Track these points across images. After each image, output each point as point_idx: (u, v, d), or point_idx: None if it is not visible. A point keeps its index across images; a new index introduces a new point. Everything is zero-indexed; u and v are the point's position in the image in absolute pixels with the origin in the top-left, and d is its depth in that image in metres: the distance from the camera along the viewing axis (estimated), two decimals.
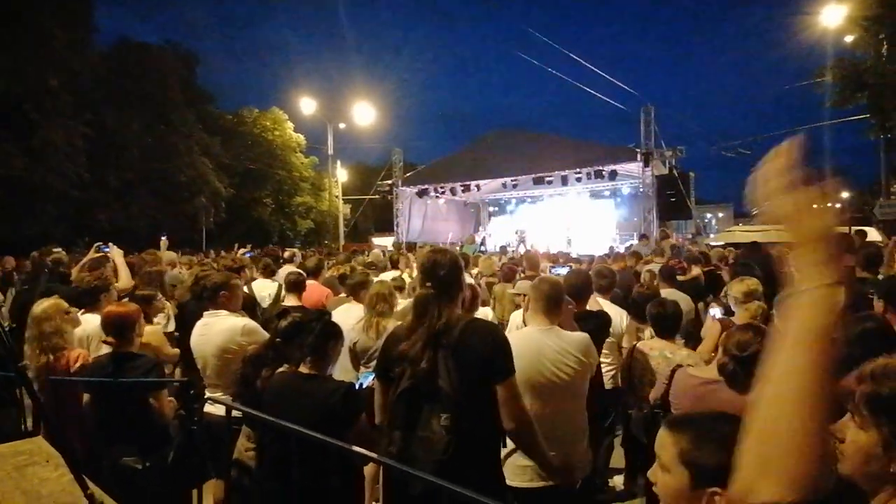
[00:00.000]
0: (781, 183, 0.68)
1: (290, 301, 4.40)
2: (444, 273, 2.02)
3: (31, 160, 20.30)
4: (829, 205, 0.68)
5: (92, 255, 5.21)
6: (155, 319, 3.86)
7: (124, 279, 4.52)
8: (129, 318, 2.93)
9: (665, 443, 1.19)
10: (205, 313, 3.38)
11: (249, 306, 4.24)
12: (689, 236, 16.38)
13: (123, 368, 2.79)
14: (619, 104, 17.34)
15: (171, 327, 4.11)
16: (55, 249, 6.37)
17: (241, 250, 9.91)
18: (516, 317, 4.01)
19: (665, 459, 1.17)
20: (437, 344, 1.89)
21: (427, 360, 1.86)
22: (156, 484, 2.64)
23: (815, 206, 0.67)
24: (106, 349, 3.24)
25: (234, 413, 2.55)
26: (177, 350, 3.76)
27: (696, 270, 6.22)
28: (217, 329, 3.24)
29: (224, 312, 3.34)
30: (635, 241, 13.21)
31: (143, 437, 2.72)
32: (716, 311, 4.10)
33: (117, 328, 2.89)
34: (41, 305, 3.11)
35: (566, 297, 2.73)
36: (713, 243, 13.05)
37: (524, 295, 4.39)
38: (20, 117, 20.38)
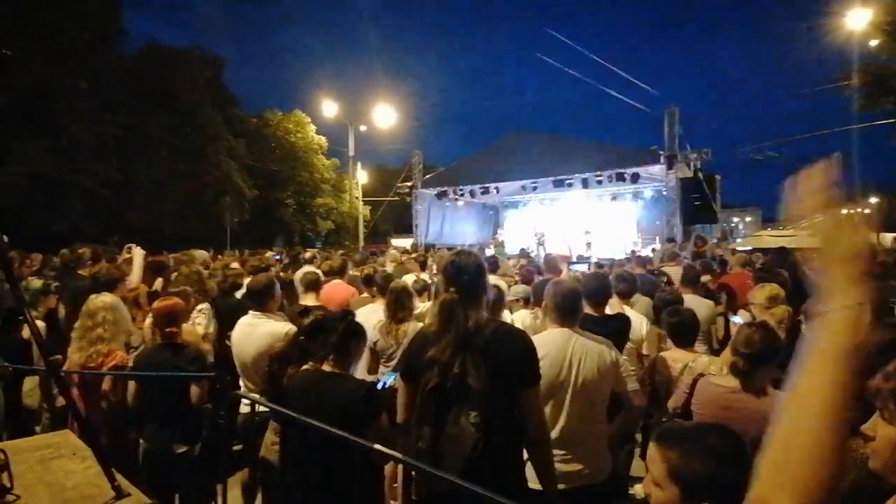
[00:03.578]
0: (817, 202, 0.70)
1: (307, 300, 4.34)
2: (468, 276, 2.01)
3: (60, 159, 20.90)
4: (862, 224, 0.69)
5: (125, 255, 5.45)
6: (196, 320, 3.95)
7: (135, 277, 4.68)
8: (176, 310, 3.10)
9: (654, 457, 1.17)
10: (250, 312, 3.47)
11: None
12: (715, 241, 16.07)
13: (170, 359, 2.94)
14: (643, 106, 17.13)
15: (212, 328, 4.19)
16: (80, 249, 6.60)
17: (269, 252, 10.15)
18: (519, 316, 4.00)
19: (656, 474, 1.16)
20: (466, 347, 1.89)
21: (459, 366, 1.86)
22: (183, 474, 2.71)
23: (848, 225, 0.69)
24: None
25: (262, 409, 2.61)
26: (207, 346, 3.84)
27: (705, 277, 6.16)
28: (260, 332, 3.33)
29: (269, 315, 3.44)
30: (657, 245, 13.02)
31: (185, 426, 2.85)
32: (739, 318, 4.02)
33: (168, 319, 3.03)
34: (105, 297, 3.24)
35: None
36: (740, 248, 12.77)
37: (521, 299, 4.40)
38: (50, 117, 21.00)
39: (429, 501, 1.86)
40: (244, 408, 3.20)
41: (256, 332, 3.34)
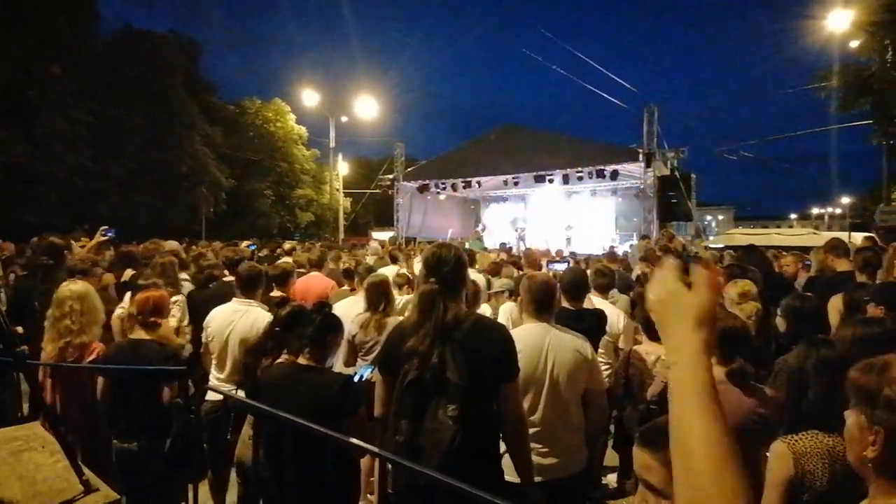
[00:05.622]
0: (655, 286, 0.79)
1: (275, 293, 4.18)
2: (448, 269, 2.03)
3: (33, 148, 20.23)
4: (684, 286, 0.75)
5: (98, 238, 5.31)
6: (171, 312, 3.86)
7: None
8: (163, 301, 3.05)
9: (650, 465, 1.08)
10: (234, 299, 3.44)
11: None
12: (689, 238, 16.38)
13: (141, 355, 2.84)
14: (623, 104, 17.29)
15: (186, 320, 4.10)
16: (52, 238, 6.41)
17: (245, 243, 9.98)
18: (505, 309, 4.03)
19: (658, 482, 1.07)
20: (445, 339, 1.89)
21: (437, 356, 1.86)
22: (153, 471, 2.66)
23: (670, 290, 0.75)
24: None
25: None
26: (181, 340, 3.77)
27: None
28: (246, 320, 3.31)
29: (254, 304, 3.42)
30: (635, 242, 13.22)
31: (153, 424, 2.75)
32: None
33: (154, 310, 2.97)
34: (73, 286, 3.11)
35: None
36: (713, 245, 13.05)
37: (505, 291, 4.44)
38: (22, 104, 20.30)
39: (407, 495, 1.87)
40: (212, 395, 3.18)
41: (243, 319, 3.32)
